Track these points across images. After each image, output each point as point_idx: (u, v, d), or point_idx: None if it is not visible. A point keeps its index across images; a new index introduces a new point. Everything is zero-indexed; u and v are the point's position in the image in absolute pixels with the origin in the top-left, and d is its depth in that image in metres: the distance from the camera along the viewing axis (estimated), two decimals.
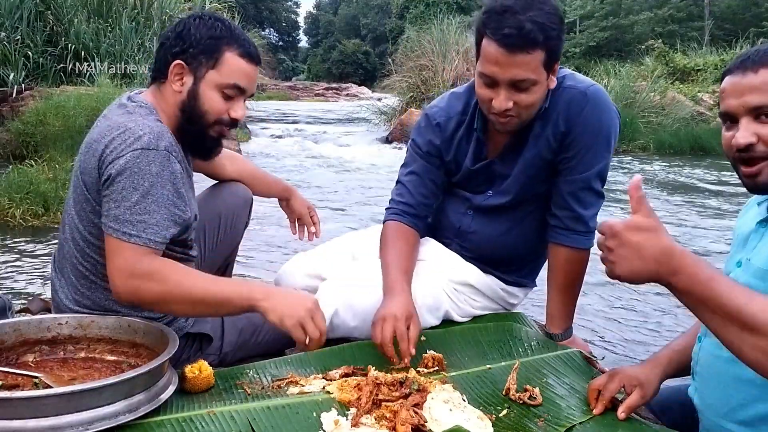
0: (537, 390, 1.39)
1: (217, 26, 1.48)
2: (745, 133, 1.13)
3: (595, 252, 1.13)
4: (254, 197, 1.99)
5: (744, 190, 1.21)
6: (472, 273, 1.85)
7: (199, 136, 1.51)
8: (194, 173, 1.67)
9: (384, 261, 1.70)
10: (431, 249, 1.88)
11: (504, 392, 1.38)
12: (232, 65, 1.48)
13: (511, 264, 1.88)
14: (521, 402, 1.35)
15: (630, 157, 10.64)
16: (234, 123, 1.53)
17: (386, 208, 1.86)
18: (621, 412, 1.30)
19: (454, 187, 1.89)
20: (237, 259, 2.09)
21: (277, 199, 2.06)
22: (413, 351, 1.47)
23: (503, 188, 1.79)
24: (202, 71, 1.47)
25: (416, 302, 1.67)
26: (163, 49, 1.50)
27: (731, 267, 1.25)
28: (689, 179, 8.59)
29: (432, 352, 1.52)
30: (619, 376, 1.33)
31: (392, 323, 1.47)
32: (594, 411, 1.34)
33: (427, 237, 1.93)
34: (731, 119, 1.17)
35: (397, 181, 1.88)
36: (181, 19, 1.54)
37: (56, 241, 1.61)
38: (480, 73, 1.57)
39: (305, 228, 2.06)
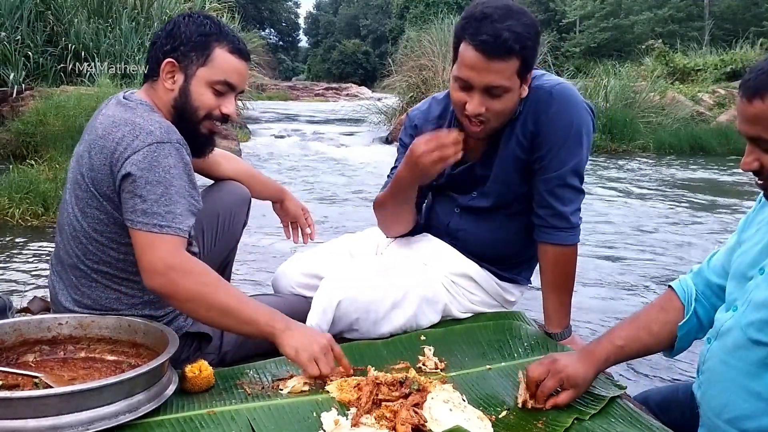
0: None
1: (207, 23, 1.50)
2: (747, 159, 1.12)
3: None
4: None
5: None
6: (471, 266, 1.86)
7: (191, 132, 1.51)
8: None
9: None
10: (429, 243, 1.90)
11: (521, 405, 1.34)
12: (222, 61, 1.49)
13: (501, 262, 1.89)
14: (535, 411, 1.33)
15: (629, 158, 10.63)
16: (225, 118, 1.54)
17: None
18: (549, 404, 1.31)
19: (442, 188, 1.91)
20: (236, 258, 2.09)
21: (270, 203, 2.05)
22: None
23: (485, 190, 1.81)
24: (193, 68, 1.49)
25: (414, 295, 1.72)
26: (155, 48, 1.51)
27: (753, 272, 1.20)
28: (689, 179, 8.59)
29: (431, 354, 1.52)
30: (560, 375, 1.32)
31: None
32: (524, 404, 1.33)
33: (425, 233, 1.95)
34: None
35: (387, 182, 1.89)
36: (172, 18, 1.55)
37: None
38: (456, 76, 1.61)
39: (299, 230, 2.06)
